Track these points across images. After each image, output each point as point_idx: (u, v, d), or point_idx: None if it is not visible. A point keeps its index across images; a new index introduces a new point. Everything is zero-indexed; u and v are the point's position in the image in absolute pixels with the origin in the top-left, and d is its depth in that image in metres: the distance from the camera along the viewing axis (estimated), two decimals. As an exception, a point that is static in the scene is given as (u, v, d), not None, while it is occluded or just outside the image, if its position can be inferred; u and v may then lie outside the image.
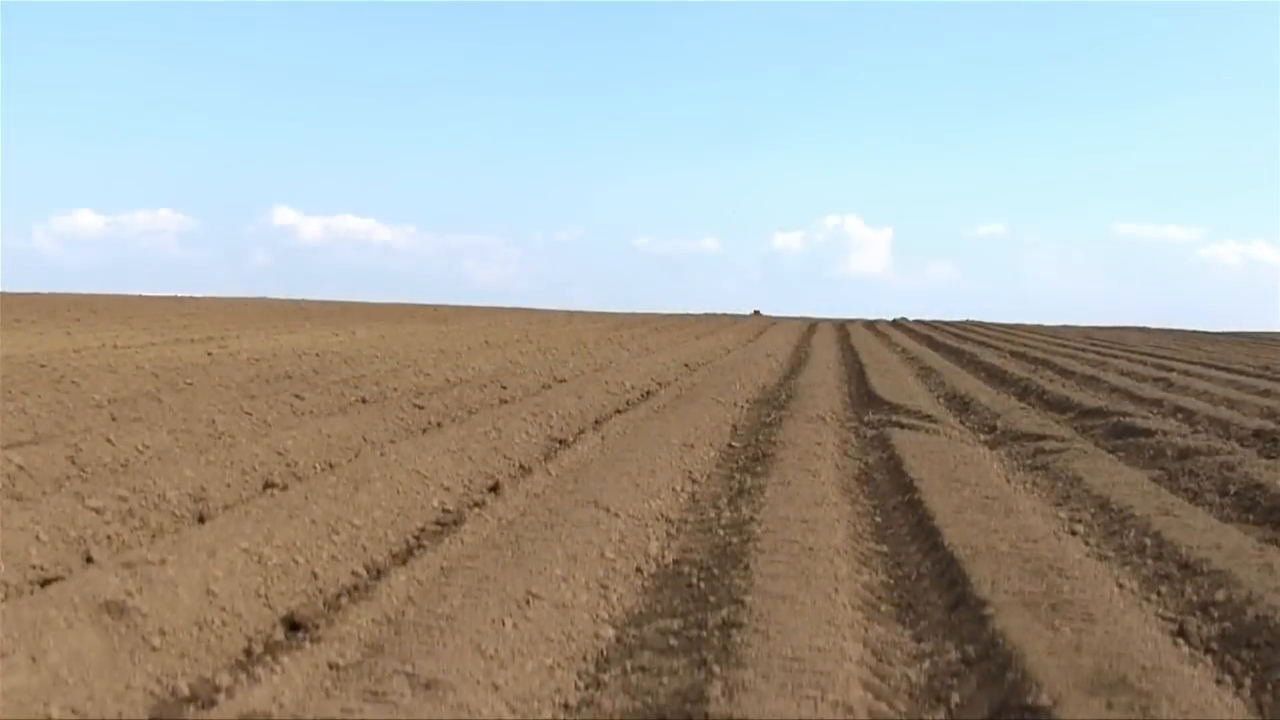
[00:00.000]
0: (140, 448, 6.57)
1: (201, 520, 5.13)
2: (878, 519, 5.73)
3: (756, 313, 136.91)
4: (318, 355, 13.98)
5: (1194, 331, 61.37)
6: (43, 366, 11.99)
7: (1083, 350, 23.47)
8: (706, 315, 59.94)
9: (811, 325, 39.79)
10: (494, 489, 6.11)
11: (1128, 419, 9.45)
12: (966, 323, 57.35)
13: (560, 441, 7.89)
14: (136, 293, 53.51)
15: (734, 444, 8.18)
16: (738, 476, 6.70)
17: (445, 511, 5.50)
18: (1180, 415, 10.38)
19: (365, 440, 7.37)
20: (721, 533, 5.09)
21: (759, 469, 6.81)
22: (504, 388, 10.84)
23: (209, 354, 13.66)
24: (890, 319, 71.28)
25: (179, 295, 48.54)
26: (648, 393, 11.43)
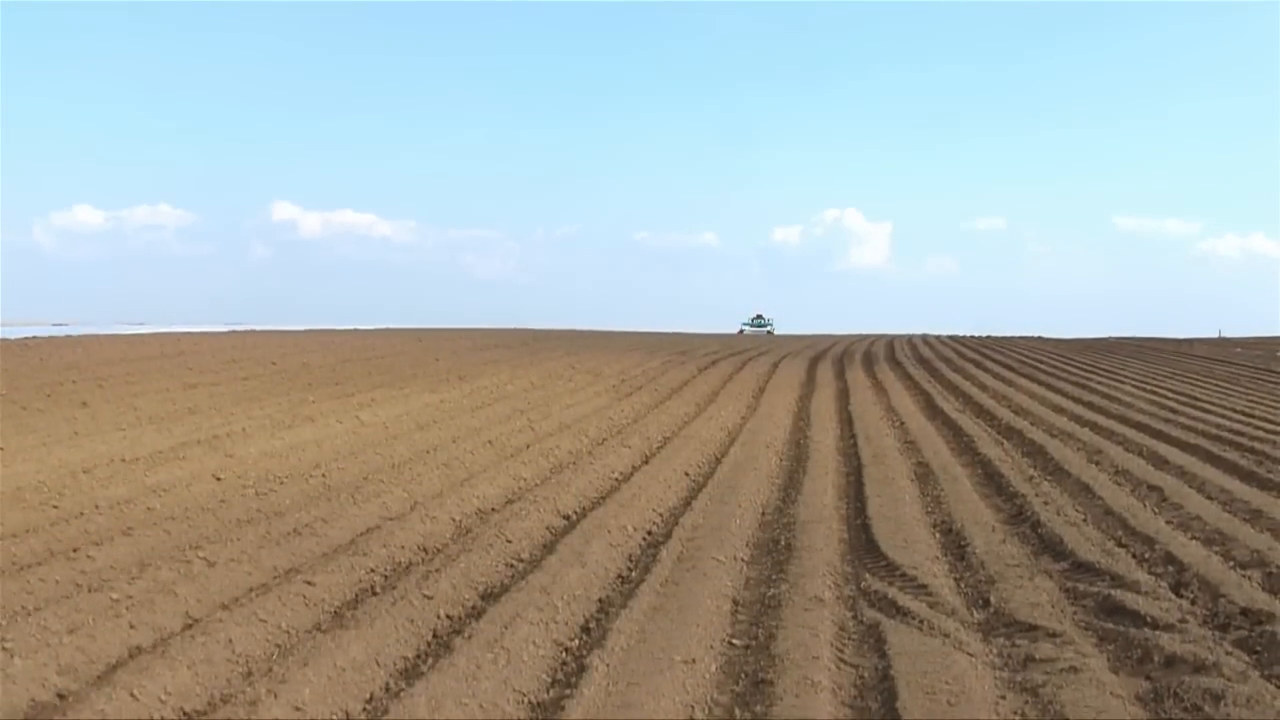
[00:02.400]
0: None
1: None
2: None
3: (758, 317, 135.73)
4: (324, 477, 14.23)
5: (1192, 345, 61.66)
6: (55, 508, 12.24)
7: (1080, 418, 23.71)
8: (705, 339, 60.51)
9: (812, 365, 40.01)
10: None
11: (1118, 591, 9.71)
12: (961, 341, 57.11)
13: (566, 650, 8.13)
14: (140, 329, 53.81)
15: (735, 642, 8.44)
16: (738, 715, 6.95)
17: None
18: (1171, 571, 10.62)
19: (378, 664, 7.62)
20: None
21: (758, 706, 7.04)
22: (509, 541, 11.09)
23: (218, 479, 13.90)
24: (892, 335, 71.71)
25: (181, 334, 48.84)
26: (650, 538, 11.66)
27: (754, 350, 52.07)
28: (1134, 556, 11.29)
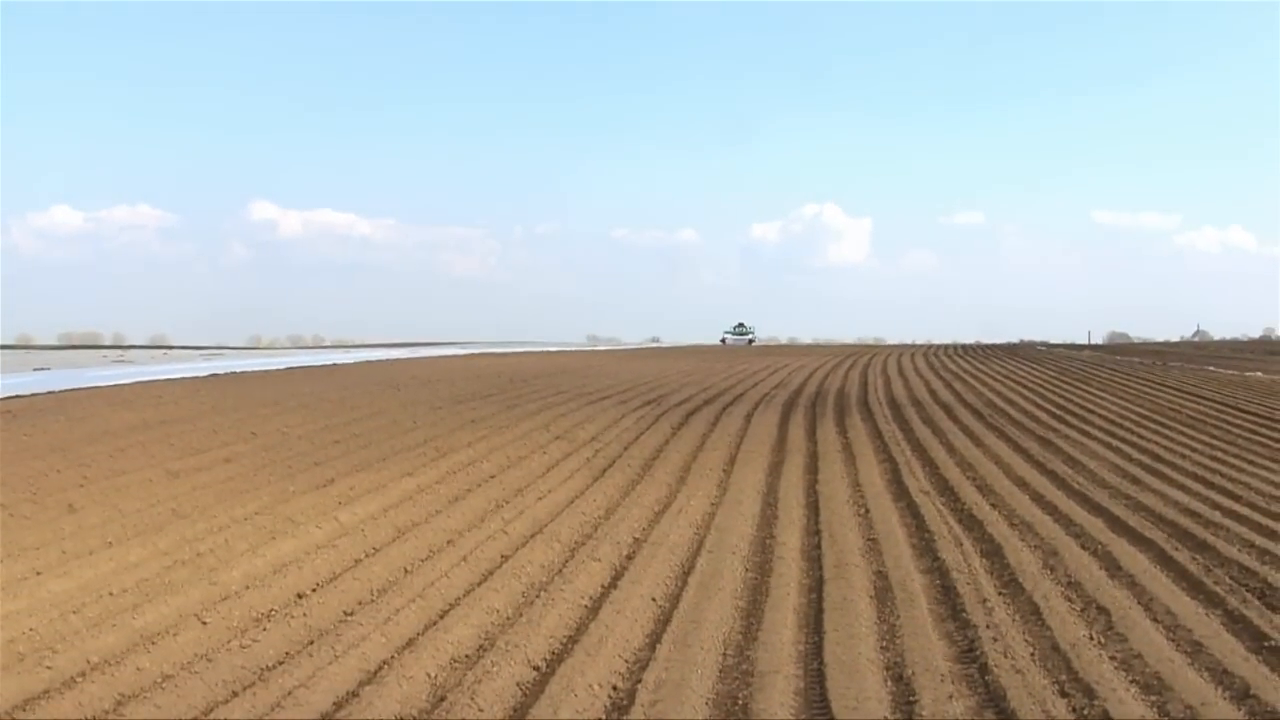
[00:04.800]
0: None
1: None
2: None
3: (740, 326, 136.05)
4: (305, 616, 14.82)
5: (1165, 362, 62.71)
6: (49, 669, 12.79)
7: (1040, 498, 24.51)
8: (683, 359, 61.28)
9: (784, 418, 40.66)
10: None
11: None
12: (935, 365, 57.62)
13: None
14: (121, 375, 54.34)
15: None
16: None
17: None
18: (1104, 735, 11.38)
19: None
20: None
21: None
22: (481, 710, 11.68)
23: (204, 623, 14.46)
24: (871, 349, 72.55)
25: (163, 383, 49.38)
26: (616, 696, 12.28)
27: (728, 392, 52.82)
28: (1073, 711, 12.00)
